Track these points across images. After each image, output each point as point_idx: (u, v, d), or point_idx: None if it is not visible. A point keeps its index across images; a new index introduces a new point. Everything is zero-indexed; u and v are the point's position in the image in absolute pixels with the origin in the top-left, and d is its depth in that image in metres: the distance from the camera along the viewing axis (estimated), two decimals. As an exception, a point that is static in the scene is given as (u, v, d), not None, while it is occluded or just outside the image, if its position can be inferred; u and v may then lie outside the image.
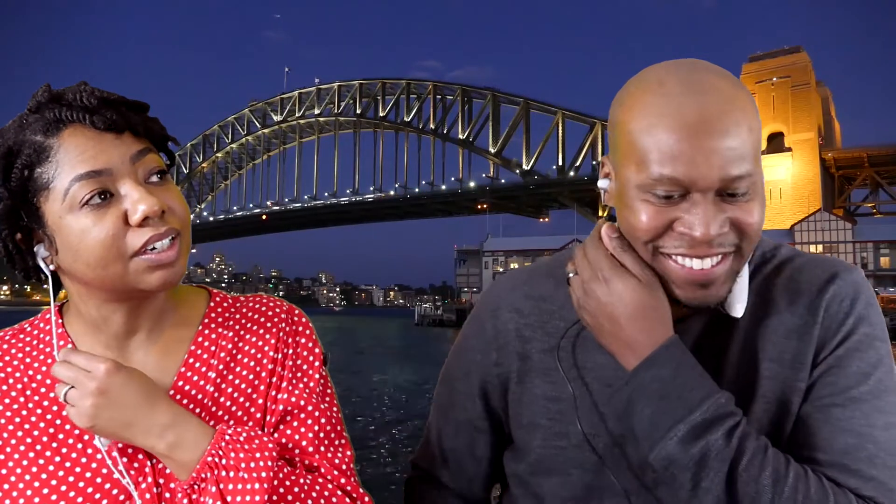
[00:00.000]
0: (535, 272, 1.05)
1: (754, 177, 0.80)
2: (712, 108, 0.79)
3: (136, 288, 0.85)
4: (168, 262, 0.84)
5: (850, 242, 65.13)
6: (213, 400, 0.90)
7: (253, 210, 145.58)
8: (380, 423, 14.87)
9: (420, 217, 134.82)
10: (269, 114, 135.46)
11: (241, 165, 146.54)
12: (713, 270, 0.83)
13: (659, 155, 0.79)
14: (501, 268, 76.05)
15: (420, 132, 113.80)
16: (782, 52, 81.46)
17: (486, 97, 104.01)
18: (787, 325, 0.90)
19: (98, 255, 0.82)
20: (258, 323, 0.97)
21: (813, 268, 0.93)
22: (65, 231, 0.83)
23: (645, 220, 0.83)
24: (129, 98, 0.88)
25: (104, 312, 0.89)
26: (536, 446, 0.97)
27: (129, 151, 0.84)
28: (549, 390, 0.97)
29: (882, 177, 78.49)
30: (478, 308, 1.07)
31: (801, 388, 0.89)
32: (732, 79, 0.83)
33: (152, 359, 0.92)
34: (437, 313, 78.50)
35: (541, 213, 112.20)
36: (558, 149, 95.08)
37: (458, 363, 1.08)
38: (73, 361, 0.82)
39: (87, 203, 0.81)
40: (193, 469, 0.82)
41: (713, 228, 0.80)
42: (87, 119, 0.82)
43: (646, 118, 0.81)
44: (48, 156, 0.82)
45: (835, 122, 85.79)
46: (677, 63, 0.84)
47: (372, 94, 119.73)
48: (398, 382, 22.53)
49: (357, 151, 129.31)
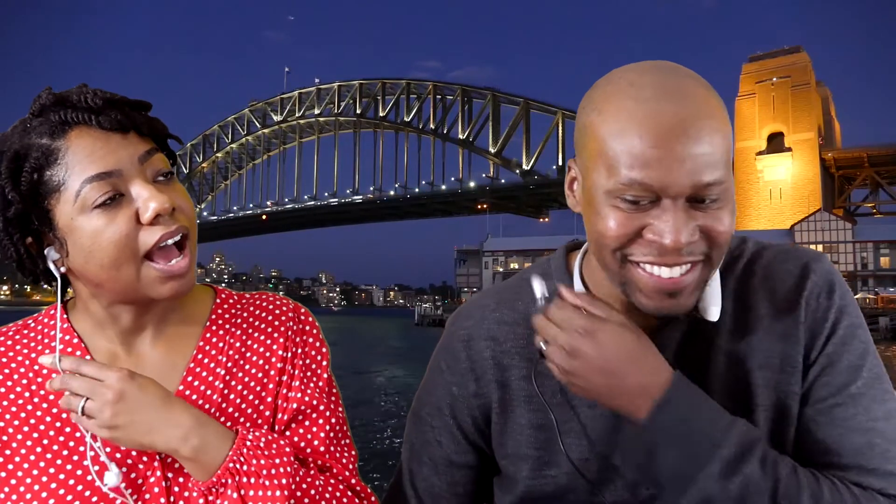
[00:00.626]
0: (502, 297, 1.01)
1: (726, 184, 0.79)
2: (686, 113, 0.77)
3: (148, 296, 0.86)
4: (180, 273, 0.85)
5: (850, 242, 65.16)
6: (224, 397, 0.91)
7: (253, 210, 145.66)
8: (379, 423, 14.88)
9: (420, 217, 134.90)
10: (269, 114, 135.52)
11: (241, 165, 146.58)
12: (682, 279, 0.81)
13: (630, 159, 0.78)
14: (501, 268, 76.10)
15: (420, 132, 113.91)
16: (782, 52, 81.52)
17: (486, 97, 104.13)
18: (771, 328, 0.89)
19: (112, 256, 0.82)
20: (266, 321, 0.97)
21: (783, 263, 0.92)
22: (77, 232, 0.83)
23: (614, 226, 0.81)
24: (131, 98, 0.88)
25: (113, 311, 0.89)
26: (525, 477, 0.94)
27: (137, 152, 0.84)
28: (534, 419, 0.94)
29: (882, 177, 78.56)
30: (447, 339, 1.03)
31: (796, 391, 0.88)
32: (705, 84, 0.82)
33: (158, 355, 0.92)
34: (438, 313, 78.45)
35: (541, 213, 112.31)
36: (558, 149, 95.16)
37: (431, 398, 1.03)
38: (84, 372, 0.81)
39: (100, 204, 0.81)
40: (214, 473, 0.82)
41: (684, 236, 0.78)
42: (92, 120, 0.82)
43: (617, 122, 0.79)
44: (56, 158, 0.82)
45: (835, 122, 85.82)
46: (649, 65, 0.83)
47: (372, 94, 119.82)
48: (399, 382, 22.52)
49: (357, 151, 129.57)
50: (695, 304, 0.84)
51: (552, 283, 0.95)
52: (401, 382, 22.52)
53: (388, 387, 21.52)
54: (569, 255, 1.00)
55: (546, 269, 1.00)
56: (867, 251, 65.26)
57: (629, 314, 0.87)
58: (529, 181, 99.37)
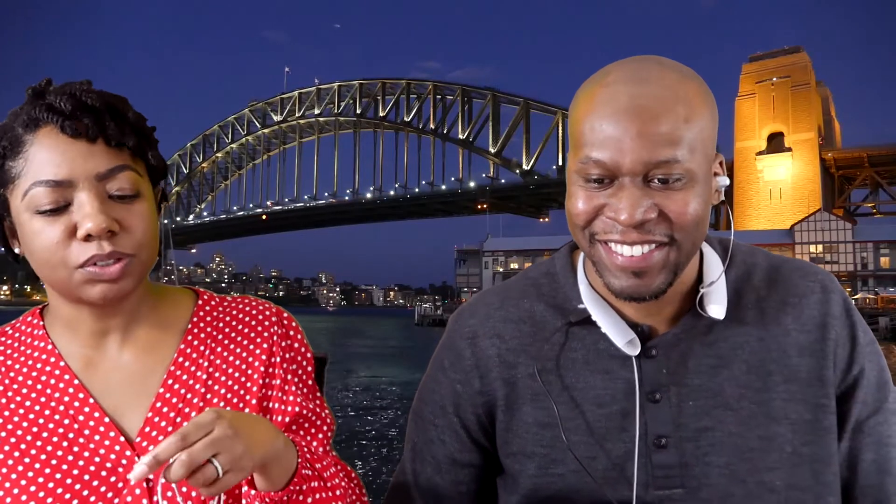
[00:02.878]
0: (507, 295, 1.01)
1: (689, 166, 0.80)
2: (647, 94, 0.79)
3: (80, 297, 0.84)
4: (109, 279, 0.82)
5: (850, 242, 65.14)
6: (206, 401, 0.89)
7: (253, 210, 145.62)
8: (380, 425, 14.87)
9: (420, 217, 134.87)
10: (269, 114, 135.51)
11: (241, 165, 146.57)
12: (644, 258, 0.82)
13: (591, 139, 0.81)
14: (501, 268, 76.10)
15: (420, 132, 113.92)
16: (782, 52, 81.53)
17: (486, 97, 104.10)
18: (798, 343, 0.90)
19: (43, 259, 0.82)
20: (249, 326, 0.96)
21: (802, 278, 0.94)
22: (22, 228, 0.84)
23: (578, 204, 0.84)
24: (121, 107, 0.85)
25: (75, 312, 0.88)
26: (531, 476, 0.94)
27: (98, 167, 0.81)
28: (540, 416, 0.93)
29: (882, 177, 78.57)
30: (450, 337, 1.02)
31: (825, 404, 0.89)
32: (683, 72, 0.83)
33: (133, 359, 0.90)
34: (438, 313, 78.44)
35: (541, 213, 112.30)
36: (558, 149, 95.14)
37: (434, 396, 1.02)
38: (187, 435, 0.69)
39: (41, 211, 0.81)
40: (290, 479, 0.80)
41: (637, 213, 0.79)
42: (59, 123, 0.81)
43: (585, 106, 0.83)
44: (20, 151, 0.81)
45: (835, 122, 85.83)
46: (632, 57, 0.85)
47: (372, 94, 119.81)
48: (400, 381, 22.53)
49: (357, 151, 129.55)
50: (664, 287, 0.84)
51: (558, 281, 0.98)
52: (401, 383, 22.52)
53: (388, 387, 21.52)
54: (573, 254, 1.01)
55: (550, 268, 1.01)
56: (867, 251, 65.24)
57: (625, 307, 0.90)
58: (529, 181, 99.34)
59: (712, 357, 0.90)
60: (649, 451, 0.88)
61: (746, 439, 0.88)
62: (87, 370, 0.89)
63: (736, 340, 0.90)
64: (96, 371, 0.89)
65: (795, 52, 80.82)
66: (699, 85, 0.83)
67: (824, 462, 0.89)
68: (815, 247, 64.65)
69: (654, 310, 0.90)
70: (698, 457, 0.88)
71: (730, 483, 0.87)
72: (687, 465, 0.88)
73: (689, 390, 0.89)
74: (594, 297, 0.92)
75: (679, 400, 0.89)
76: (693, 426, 0.89)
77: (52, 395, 0.86)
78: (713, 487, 0.87)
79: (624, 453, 0.89)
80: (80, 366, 0.89)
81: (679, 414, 0.89)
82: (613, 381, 0.91)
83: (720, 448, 0.88)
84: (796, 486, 0.88)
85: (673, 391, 0.89)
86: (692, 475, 0.88)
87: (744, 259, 0.96)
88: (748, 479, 0.87)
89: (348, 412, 16.35)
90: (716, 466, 0.88)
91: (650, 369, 0.90)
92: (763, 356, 0.90)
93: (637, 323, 0.91)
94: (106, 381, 0.88)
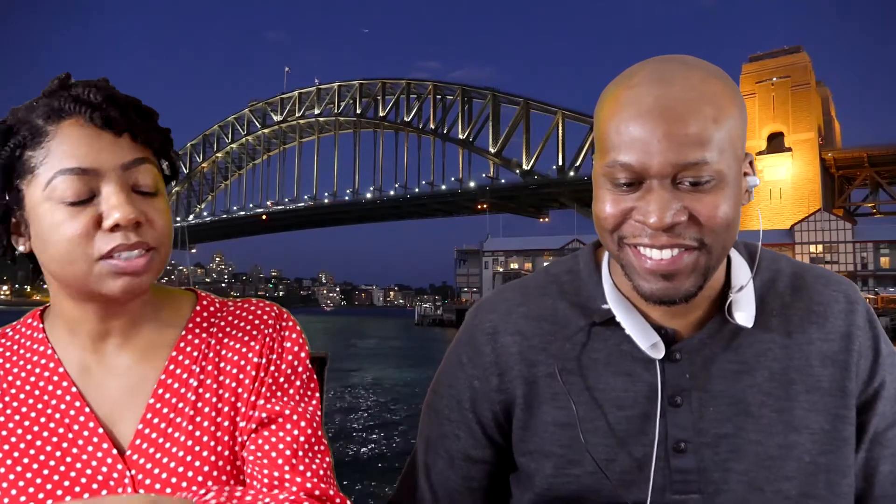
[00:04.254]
0: (528, 291, 0.99)
1: (718, 167, 0.78)
2: (673, 95, 0.78)
3: (98, 291, 0.83)
4: (133, 272, 0.82)
5: (850, 242, 65.12)
6: (197, 410, 0.87)
7: (253, 210, 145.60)
8: (380, 427, 14.88)
9: (420, 217, 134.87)
10: (268, 114, 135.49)
11: (241, 165, 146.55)
12: (674, 261, 0.81)
13: (617, 141, 0.79)
14: (501, 268, 76.05)
15: (420, 132, 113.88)
16: (782, 52, 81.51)
17: (486, 97, 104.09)
18: (821, 352, 0.90)
19: (64, 251, 0.81)
20: (243, 329, 0.94)
21: (826, 286, 0.93)
22: (39, 220, 0.82)
23: (606, 208, 0.83)
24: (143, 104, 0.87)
25: (78, 312, 0.87)
26: (547, 475, 0.92)
27: (124, 158, 0.82)
28: (559, 416, 0.92)
29: (882, 177, 78.55)
30: (468, 332, 1.00)
31: (845, 415, 0.89)
32: (708, 71, 0.81)
33: (128, 365, 0.89)
34: (438, 313, 78.43)
35: (541, 213, 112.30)
36: (558, 149, 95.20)
37: (450, 391, 1.01)
38: None
39: (67, 199, 0.80)
40: None
41: (667, 216, 0.78)
42: (87, 114, 0.80)
43: (610, 108, 0.81)
44: (41, 141, 0.81)
45: (835, 122, 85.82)
46: (657, 58, 0.83)
47: (372, 94, 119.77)
48: (401, 381, 22.53)
49: (357, 151, 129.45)
50: (695, 290, 0.83)
51: (581, 279, 0.97)
52: (402, 383, 22.52)
53: (388, 388, 21.52)
54: (597, 251, 0.99)
55: (574, 266, 0.99)
56: (867, 251, 65.20)
57: (650, 309, 0.89)
58: (529, 181, 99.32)
59: (735, 363, 0.89)
60: (668, 456, 0.87)
61: (766, 447, 0.87)
62: (85, 376, 0.88)
63: (760, 347, 0.89)
64: (93, 377, 0.88)
65: (795, 52, 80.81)
66: (726, 84, 0.81)
67: (840, 472, 0.88)
68: (815, 247, 64.61)
69: (681, 313, 0.89)
70: (717, 463, 0.87)
71: (747, 490, 0.87)
72: (705, 471, 0.87)
73: (710, 396, 0.88)
74: (619, 297, 0.91)
75: (700, 405, 0.88)
76: (713, 432, 0.88)
77: (48, 402, 0.85)
78: (730, 494, 0.87)
79: (642, 456, 0.88)
80: (78, 371, 0.88)
81: (700, 419, 0.88)
82: (635, 383, 0.89)
83: (740, 455, 0.87)
84: (811, 495, 0.87)
85: (695, 396, 0.88)
86: (710, 481, 0.87)
87: (769, 265, 0.94)
88: (766, 488, 0.87)
89: (348, 412, 16.35)
90: (734, 473, 0.87)
91: (673, 373, 0.88)
92: (786, 364, 0.89)
93: (661, 326, 0.89)
94: (102, 387, 0.87)
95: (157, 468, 0.83)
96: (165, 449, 0.84)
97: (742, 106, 0.82)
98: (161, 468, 0.83)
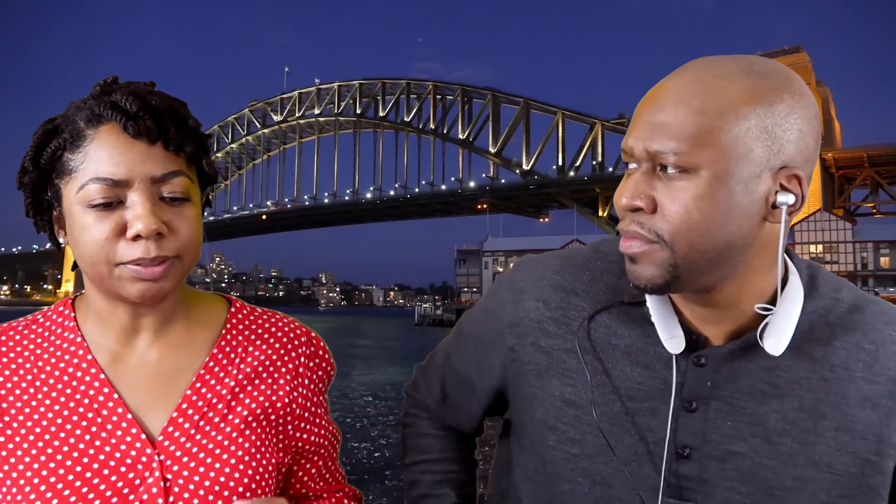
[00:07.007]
0: (569, 261, 0.98)
1: (692, 160, 0.75)
2: (669, 85, 0.78)
3: (119, 293, 0.86)
4: (151, 278, 0.84)
5: (850, 242, 65.12)
6: (230, 409, 0.91)
7: (253, 210, 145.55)
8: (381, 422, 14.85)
9: (420, 217, 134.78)
10: (269, 114, 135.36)
11: (240, 165, 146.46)
12: (633, 243, 0.80)
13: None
14: (501, 268, 76.00)
15: (420, 132, 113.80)
16: (782, 52, 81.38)
17: (486, 97, 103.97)
18: (862, 392, 0.84)
19: (89, 252, 0.84)
20: (280, 341, 0.98)
21: (883, 325, 0.87)
22: (72, 219, 0.85)
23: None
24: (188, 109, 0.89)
25: (110, 307, 0.90)
26: (549, 447, 0.92)
27: (154, 170, 0.84)
28: (567, 393, 0.91)
29: (882, 177, 78.48)
30: (501, 284, 1.02)
31: (877, 463, 0.83)
32: (739, 68, 0.77)
33: (160, 357, 0.91)
34: (438, 313, 78.61)
35: (541, 213, 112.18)
36: (558, 149, 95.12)
37: (475, 330, 1.05)
38: None
39: (95, 205, 0.83)
40: None
41: (624, 198, 0.80)
42: (122, 122, 0.82)
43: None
44: (80, 145, 0.83)
45: (835, 122, 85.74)
46: (718, 56, 0.82)
47: (372, 94, 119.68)
48: (400, 381, 22.51)
49: (357, 151, 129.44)
50: (661, 282, 0.81)
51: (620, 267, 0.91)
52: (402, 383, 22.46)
53: (389, 388, 21.48)
54: None
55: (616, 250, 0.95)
56: (867, 251, 65.22)
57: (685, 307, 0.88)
58: (529, 181, 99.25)
59: (766, 384, 0.85)
60: (670, 458, 0.86)
61: (779, 476, 0.83)
62: (115, 365, 0.90)
63: (796, 374, 0.85)
64: (124, 366, 0.90)
65: (795, 52, 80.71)
66: (755, 85, 0.76)
67: None
68: (816, 247, 64.60)
69: (716, 320, 0.86)
70: (720, 478, 0.84)
71: None
72: (706, 482, 0.85)
73: (731, 410, 0.85)
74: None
75: (716, 416, 0.85)
76: (724, 447, 0.85)
77: (77, 388, 0.87)
78: None
79: (644, 452, 0.87)
80: (108, 360, 0.90)
81: (712, 429, 0.85)
82: (651, 378, 0.87)
83: (746, 476, 0.84)
84: None
85: (713, 406, 0.85)
86: (708, 493, 0.85)
87: (828, 292, 0.89)
88: None
89: (348, 412, 16.32)
90: (736, 493, 0.84)
91: (694, 377, 0.86)
92: (820, 397, 0.84)
93: (694, 331, 0.87)
94: (132, 377, 0.89)
95: (186, 456, 0.86)
96: (196, 440, 0.87)
97: (778, 114, 0.76)
98: (190, 457, 0.86)
